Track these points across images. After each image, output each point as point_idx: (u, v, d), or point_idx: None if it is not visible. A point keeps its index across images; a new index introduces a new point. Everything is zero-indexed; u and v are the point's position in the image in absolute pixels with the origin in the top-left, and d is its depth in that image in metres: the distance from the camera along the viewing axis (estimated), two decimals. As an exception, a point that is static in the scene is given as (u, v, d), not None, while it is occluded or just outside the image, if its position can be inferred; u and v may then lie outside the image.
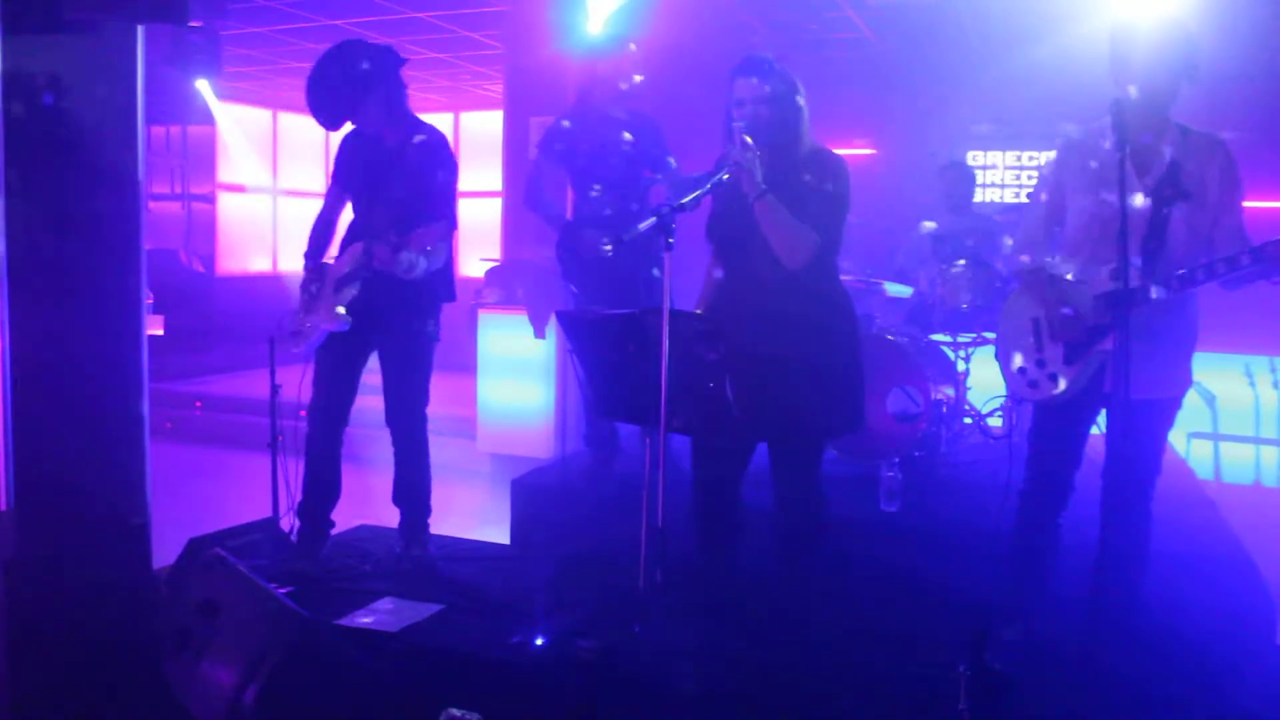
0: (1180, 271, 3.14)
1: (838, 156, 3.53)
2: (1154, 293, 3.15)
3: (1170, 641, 3.61)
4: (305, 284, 4.36)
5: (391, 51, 4.20)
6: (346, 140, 4.38)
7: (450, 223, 4.15)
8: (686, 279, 3.68)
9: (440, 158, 4.20)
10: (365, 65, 4.11)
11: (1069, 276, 3.39)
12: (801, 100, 3.48)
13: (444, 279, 4.29)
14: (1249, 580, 4.06)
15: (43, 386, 3.88)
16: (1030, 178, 8.46)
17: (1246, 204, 3.29)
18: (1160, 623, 3.65)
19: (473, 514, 6.52)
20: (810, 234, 3.37)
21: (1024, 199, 7.83)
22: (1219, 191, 3.23)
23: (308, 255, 4.40)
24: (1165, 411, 3.38)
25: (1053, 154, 3.55)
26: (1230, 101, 6.96)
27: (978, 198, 6.65)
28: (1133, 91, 3.19)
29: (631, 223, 3.46)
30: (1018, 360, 3.54)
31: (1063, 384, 3.38)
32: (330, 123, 4.21)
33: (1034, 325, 3.48)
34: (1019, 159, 8.50)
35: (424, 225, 4.03)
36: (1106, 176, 3.24)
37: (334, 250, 4.42)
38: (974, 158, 8.58)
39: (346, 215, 4.43)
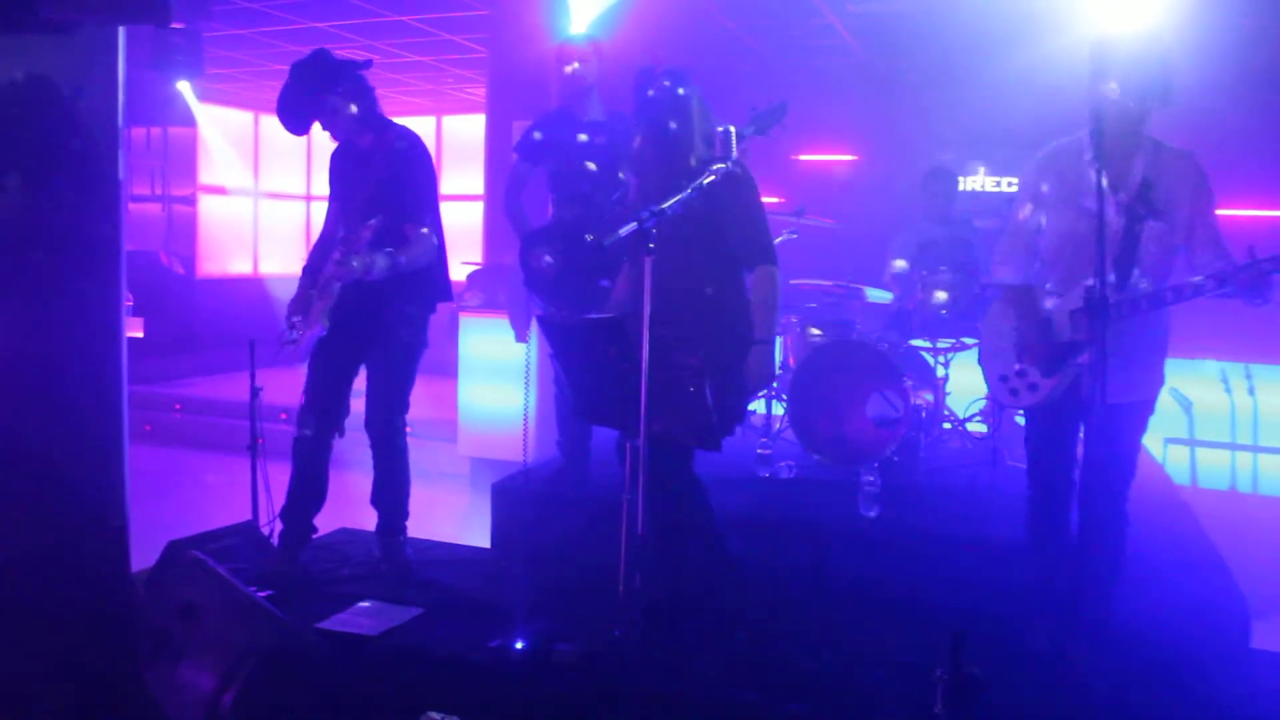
0: (1141, 292, 3.22)
1: (741, 165, 3.62)
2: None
3: (1146, 644, 3.64)
4: (300, 294, 4.35)
5: (351, 60, 4.23)
6: (332, 156, 4.41)
7: (412, 218, 4.15)
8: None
9: (406, 155, 4.20)
10: (318, 72, 4.14)
11: (1048, 293, 3.46)
12: (695, 120, 3.62)
13: (427, 280, 4.29)
14: (1223, 584, 4.10)
15: (21, 388, 3.86)
16: (1011, 185, 8.50)
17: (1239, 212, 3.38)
18: (1136, 626, 3.68)
19: (453, 517, 6.52)
20: (772, 279, 3.64)
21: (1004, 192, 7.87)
22: (1191, 206, 3.30)
23: (305, 270, 4.40)
24: (1139, 414, 3.46)
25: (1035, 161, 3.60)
26: (1213, 109, 7.06)
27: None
28: (1108, 108, 3.22)
29: (608, 225, 3.48)
30: (1000, 369, 3.64)
31: (1042, 393, 3.49)
32: (294, 127, 4.22)
33: (1014, 335, 3.56)
34: (998, 184, 8.55)
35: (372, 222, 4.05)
36: (1083, 191, 3.32)
37: None
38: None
39: None
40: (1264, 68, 7.14)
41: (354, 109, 4.18)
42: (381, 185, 4.14)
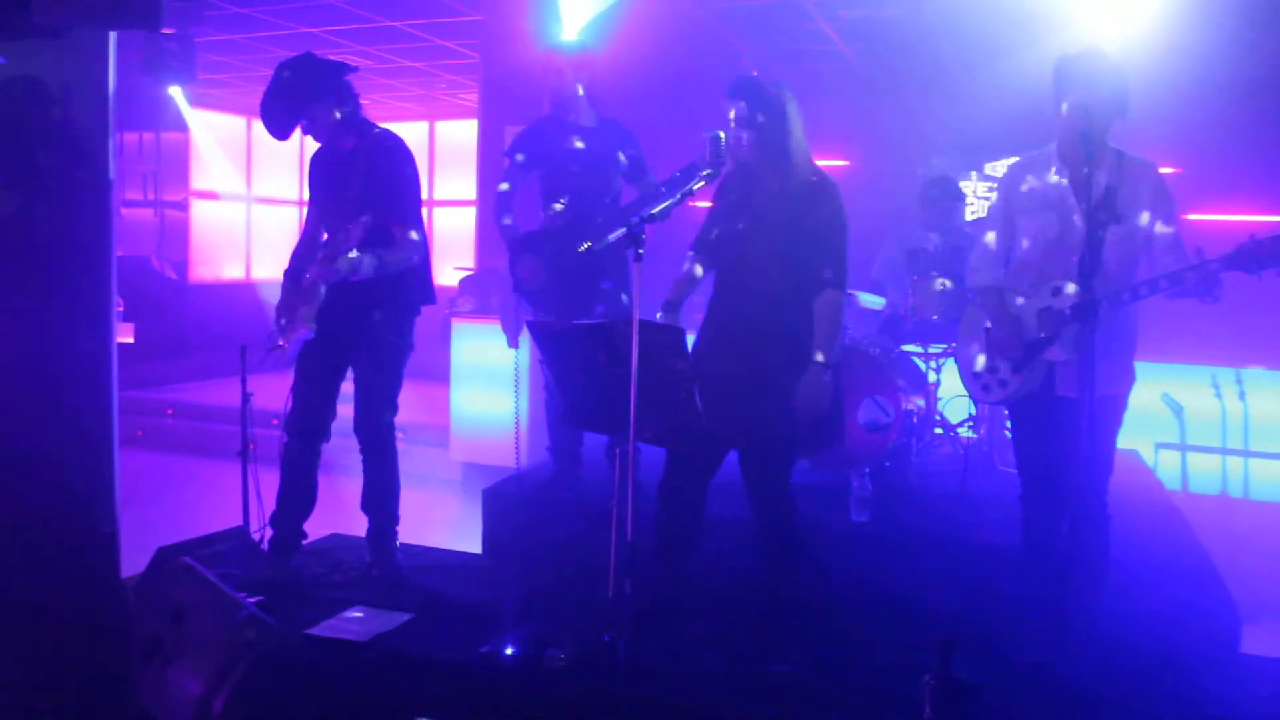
0: (1103, 293, 3.34)
1: (833, 184, 3.72)
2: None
3: (1137, 649, 3.65)
4: (283, 299, 4.32)
5: (336, 63, 4.21)
6: (312, 159, 4.39)
7: (399, 220, 4.13)
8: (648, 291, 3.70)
9: (392, 156, 4.19)
10: (306, 77, 4.11)
11: (1019, 298, 3.67)
12: (793, 127, 3.65)
13: (412, 283, 4.27)
14: (1214, 589, 4.11)
15: (11, 394, 3.86)
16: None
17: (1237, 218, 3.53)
18: (1127, 631, 3.70)
19: (445, 523, 6.51)
20: (838, 304, 3.62)
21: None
22: (1151, 212, 3.49)
23: (286, 273, 4.38)
24: (1111, 408, 3.57)
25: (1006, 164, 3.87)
26: (1210, 114, 7.09)
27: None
28: (1071, 120, 3.45)
29: (596, 230, 3.49)
30: (973, 365, 3.85)
31: (1011, 389, 3.68)
32: (278, 133, 4.19)
33: (987, 334, 3.77)
34: (991, 189, 8.54)
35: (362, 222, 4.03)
36: (1051, 201, 3.58)
37: None
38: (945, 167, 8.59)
39: None
40: (1261, 72, 7.16)
41: (338, 114, 4.17)
42: (368, 187, 4.12)
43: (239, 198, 13.28)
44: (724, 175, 3.73)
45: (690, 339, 3.29)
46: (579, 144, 4.84)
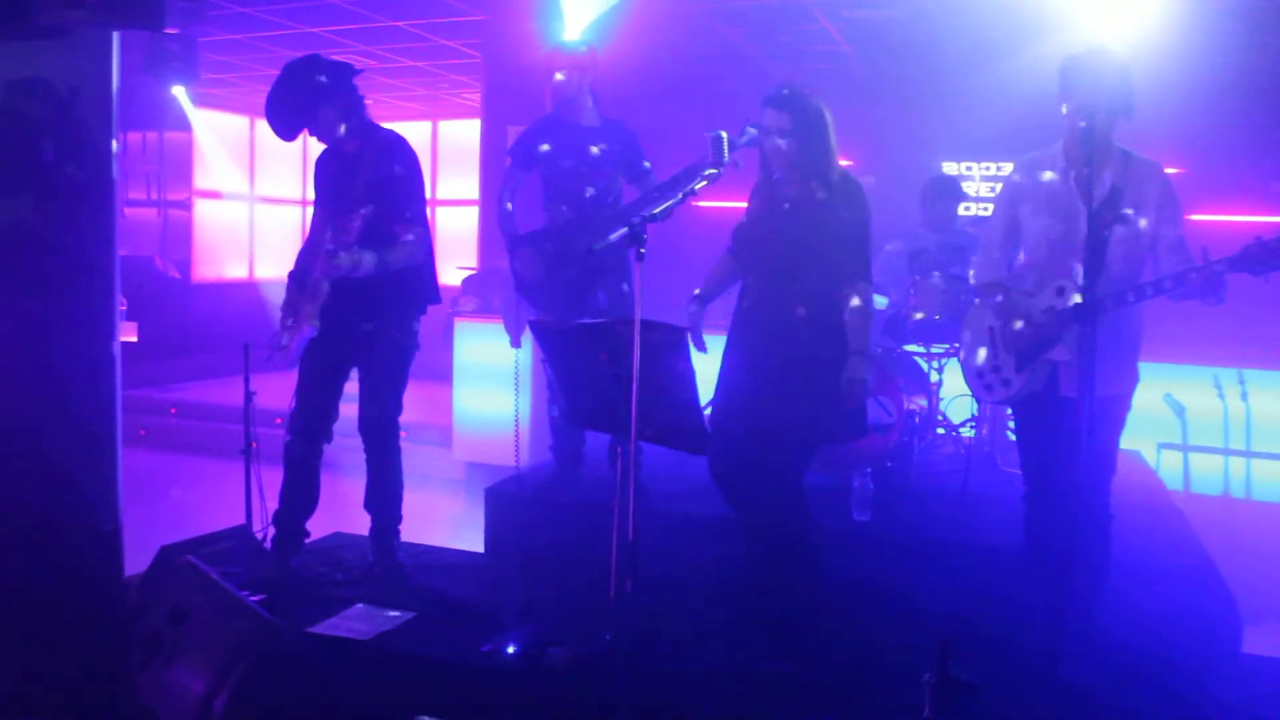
0: (1107, 292, 3.36)
1: (856, 184, 3.80)
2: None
3: (1138, 649, 3.65)
4: (289, 299, 4.32)
5: (343, 65, 4.24)
6: (318, 160, 4.40)
7: (401, 220, 4.13)
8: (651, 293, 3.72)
9: (395, 155, 4.20)
10: (315, 79, 4.13)
11: (1024, 293, 3.66)
12: (829, 136, 3.74)
13: (417, 282, 4.28)
14: (1216, 589, 4.11)
15: (13, 392, 3.86)
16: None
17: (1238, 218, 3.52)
18: (1127, 631, 3.70)
19: (448, 522, 6.53)
20: (867, 299, 3.69)
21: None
22: (1156, 213, 3.50)
23: (291, 275, 4.38)
24: (1114, 408, 3.58)
25: (1010, 167, 3.83)
26: (1210, 116, 7.09)
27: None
28: (1078, 122, 3.44)
29: (599, 229, 3.50)
30: (976, 364, 3.83)
31: (1014, 388, 3.68)
32: (284, 134, 4.21)
33: (990, 333, 3.76)
34: (999, 169, 8.51)
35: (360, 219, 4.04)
36: (1056, 201, 3.58)
37: None
38: (947, 167, 8.59)
39: None
40: (1265, 72, 7.17)
41: (344, 116, 4.18)
42: (372, 184, 4.13)
43: (242, 197, 13.30)
44: (758, 179, 3.84)
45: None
46: (583, 144, 4.84)
